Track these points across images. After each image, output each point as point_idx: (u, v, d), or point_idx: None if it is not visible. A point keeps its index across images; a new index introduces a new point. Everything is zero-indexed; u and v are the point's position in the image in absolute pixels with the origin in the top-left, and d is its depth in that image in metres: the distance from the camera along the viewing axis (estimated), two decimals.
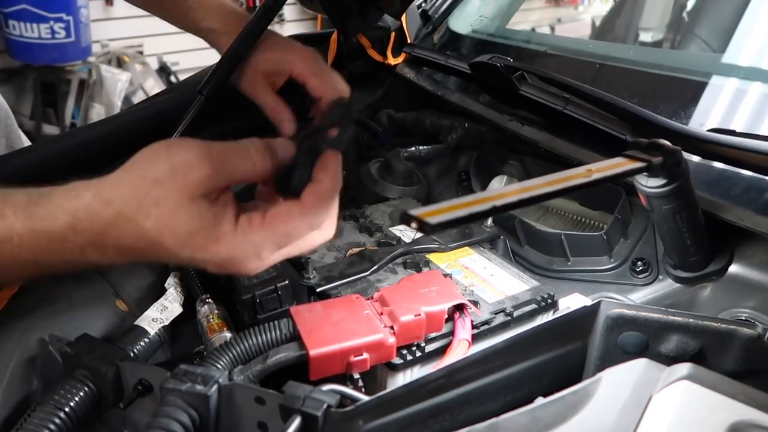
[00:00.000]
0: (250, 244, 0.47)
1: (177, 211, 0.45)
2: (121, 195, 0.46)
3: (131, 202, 0.45)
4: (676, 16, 2.46)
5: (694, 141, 0.71)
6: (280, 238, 0.49)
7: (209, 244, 0.46)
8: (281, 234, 0.48)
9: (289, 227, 0.49)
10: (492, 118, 0.98)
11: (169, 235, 0.45)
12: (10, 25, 2.97)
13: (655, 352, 0.55)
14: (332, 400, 0.45)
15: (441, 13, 1.27)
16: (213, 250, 0.46)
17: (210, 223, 0.46)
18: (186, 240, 0.46)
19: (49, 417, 0.53)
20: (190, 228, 0.45)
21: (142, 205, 0.45)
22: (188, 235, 0.46)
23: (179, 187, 0.45)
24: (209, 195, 0.47)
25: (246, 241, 0.47)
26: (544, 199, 0.49)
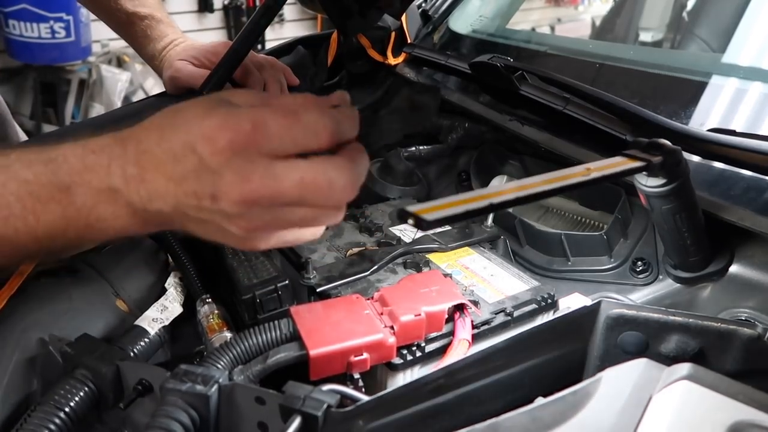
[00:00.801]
0: (237, 115, 0.45)
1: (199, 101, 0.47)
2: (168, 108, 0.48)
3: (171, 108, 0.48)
4: (676, 16, 2.46)
5: (694, 141, 0.71)
6: (277, 116, 0.45)
7: (205, 112, 0.45)
8: (280, 109, 0.45)
9: (291, 105, 0.47)
10: (492, 118, 0.98)
11: (181, 112, 0.46)
12: (10, 24, 2.97)
13: (655, 352, 0.55)
14: (332, 400, 0.45)
15: (441, 13, 1.27)
16: (204, 117, 0.45)
17: (223, 103, 0.46)
18: (190, 115, 0.46)
19: (49, 417, 0.53)
20: (196, 107, 0.46)
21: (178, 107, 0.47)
22: (192, 112, 0.46)
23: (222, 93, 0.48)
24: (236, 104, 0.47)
25: (235, 113, 0.45)
26: (542, 197, 0.49)
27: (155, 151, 0.46)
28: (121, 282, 0.76)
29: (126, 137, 0.48)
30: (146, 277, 0.79)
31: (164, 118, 0.48)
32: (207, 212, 0.46)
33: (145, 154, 0.46)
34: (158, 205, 0.47)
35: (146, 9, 0.99)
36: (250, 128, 0.44)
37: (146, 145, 0.46)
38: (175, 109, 0.48)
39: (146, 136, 0.47)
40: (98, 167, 0.47)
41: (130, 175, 0.47)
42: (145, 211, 0.48)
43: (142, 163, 0.46)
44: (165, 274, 0.78)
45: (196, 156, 0.44)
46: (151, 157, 0.46)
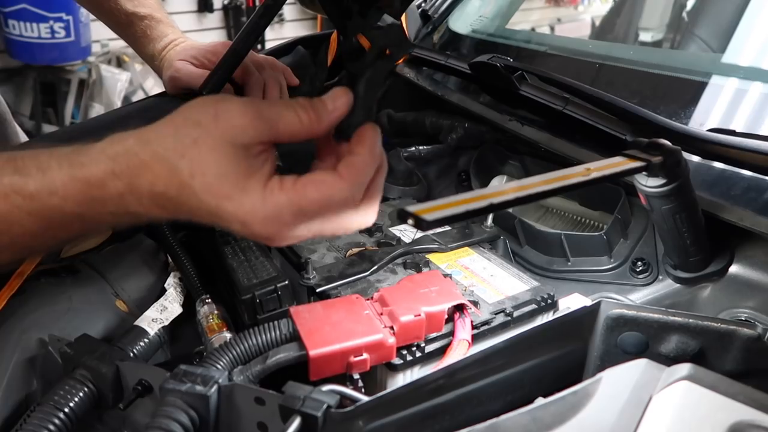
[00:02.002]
0: (275, 204, 0.45)
1: (211, 152, 0.44)
2: (161, 135, 0.46)
3: (169, 142, 0.45)
4: (676, 16, 2.46)
5: (694, 141, 0.71)
6: (308, 204, 0.46)
7: (235, 193, 0.44)
8: (309, 200, 0.46)
9: (319, 195, 0.46)
10: (492, 118, 0.98)
11: (199, 176, 0.44)
12: (10, 24, 2.97)
13: (655, 353, 0.55)
14: (332, 401, 0.45)
15: (441, 13, 1.27)
16: (238, 202, 0.44)
17: (242, 171, 0.45)
18: (214, 183, 0.44)
19: (48, 417, 0.53)
20: (219, 171, 0.44)
21: (179, 144, 0.45)
22: (216, 178, 0.44)
23: (221, 131, 0.45)
24: (250, 147, 0.46)
25: (272, 200, 0.45)
26: (542, 197, 0.49)
27: (175, 199, 0.46)
28: (120, 282, 0.76)
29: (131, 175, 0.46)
30: (146, 277, 0.79)
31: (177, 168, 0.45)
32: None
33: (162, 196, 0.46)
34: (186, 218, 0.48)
35: (146, 9, 0.99)
36: (291, 220, 0.46)
37: (161, 189, 0.46)
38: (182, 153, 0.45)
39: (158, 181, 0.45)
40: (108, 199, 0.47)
41: (148, 205, 0.47)
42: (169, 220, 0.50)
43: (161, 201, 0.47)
44: (165, 274, 0.78)
45: (232, 228, 0.46)
46: (170, 200, 0.46)
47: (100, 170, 0.46)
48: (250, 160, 0.46)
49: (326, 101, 0.49)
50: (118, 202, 0.47)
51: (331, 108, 0.49)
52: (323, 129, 0.49)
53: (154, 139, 0.46)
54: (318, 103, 0.48)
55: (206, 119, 0.46)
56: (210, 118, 0.45)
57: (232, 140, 0.45)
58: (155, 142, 0.46)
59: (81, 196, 0.47)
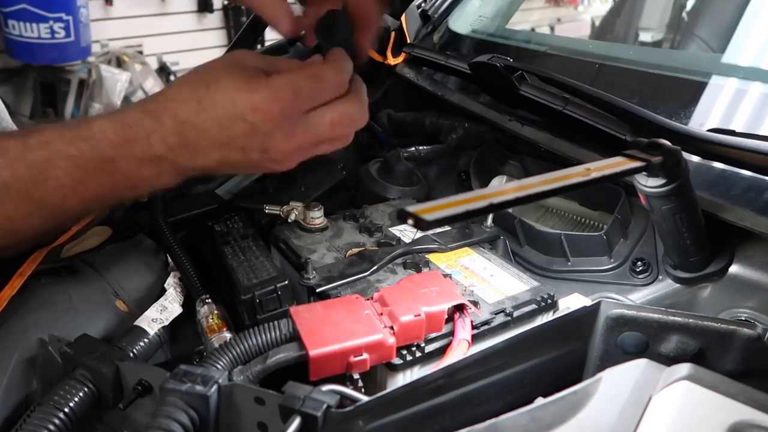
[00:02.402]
0: (276, 84, 0.53)
1: (223, 68, 0.54)
2: (185, 75, 0.56)
3: (190, 76, 0.56)
4: (676, 16, 2.46)
5: (694, 141, 0.71)
6: (303, 82, 0.54)
7: (245, 85, 0.53)
8: (304, 77, 0.54)
9: (311, 71, 0.55)
10: (492, 118, 0.98)
11: (213, 83, 0.53)
12: (10, 24, 2.97)
13: (655, 353, 0.55)
14: (332, 401, 0.45)
15: (441, 13, 1.27)
16: (248, 89, 0.53)
17: (249, 74, 0.54)
18: (227, 84, 0.53)
19: (48, 417, 0.53)
20: (230, 76, 0.53)
21: (197, 73, 0.55)
22: (228, 80, 0.53)
23: (231, 59, 0.56)
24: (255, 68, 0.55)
25: (273, 82, 0.53)
26: (542, 197, 0.49)
27: (196, 121, 0.53)
28: (120, 282, 0.76)
29: (158, 110, 0.53)
30: (146, 277, 0.79)
31: (196, 89, 0.54)
32: (254, 161, 0.56)
33: (185, 124, 0.53)
34: (203, 163, 0.55)
35: None
36: (292, 96, 0.53)
37: (184, 116, 0.53)
38: (205, 79, 0.54)
39: (181, 108, 0.53)
40: (137, 140, 0.53)
41: (173, 143, 0.54)
42: (189, 169, 0.56)
43: (184, 132, 0.53)
44: (165, 274, 0.78)
45: (246, 123, 0.53)
46: (193, 127, 0.53)
47: (134, 111, 0.54)
48: (255, 72, 0.55)
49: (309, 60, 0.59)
50: (145, 142, 0.53)
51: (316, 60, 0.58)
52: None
53: (178, 80, 0.56)
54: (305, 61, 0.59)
55: (219, 58, 0.57)
56: (224, 56, 0.57)
57: (240, 62, 0.55)
58: (180, 81, 0.56)
59: (114, 136, 0.53)
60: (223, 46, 3.75)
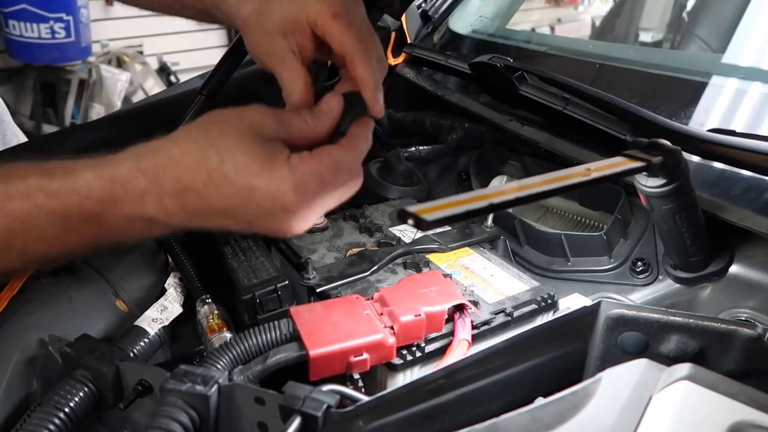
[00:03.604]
0: (302, 173, 0.49)
1: (238, 140, 0.49)
2: (188, 134, 0.50)
3: (197, 137, 0.49)
4: (676, 16, 2.46)
5: (694, 141, 0.71)
6: (326, 170, 0.51)
7: (264, 170, 0.48)
8: (327, 166, 0.51)
9: (332, 160, 0.51)
10: (492, 118, 0.98)
11: (229, 160, 0.48)
12: (10, 25, 2.97)
13: (655, 353, 0.55)
14: (332, 401, 0.45)
15: (441, 14, 1.27)
16: (267, 176, 0.48)
17: (267, 153, 0.49)
18: (245, 163, 0.48)
19: (48, 417, 0.53)
20: (247, 154, 0.48)
21: (207, 138, 0.49)
22: (246, 159, 0.48)
23: (244, 124, 0.50)
24: (271, 139, 0.50)
25: (298, 170, 0.49)
26: (542, 197, 0.49)
27: (202, 192, 0.49)
28: (120, 282, 0.76)
29: (156, 171, 0.49)
30: (146, 277, 0.79)
31: (206, 158, 0.48)
32: (255, 230, 0.52)
33: (188, 192, 0.49)
34: (198, 224, 0.51)
35: None
36: (316, 187, 0.50)
37: (189, 184, 0.48)
38: (218, 148, 0.48)
39: (187, 175, 0.48)
40: (129, 199, 0.49)
41: (169, 207, 0.49)
42: (182, 228, 0.52)
43: (185, 199, 0.49)
44: (165, 274, 0.78)
45: (262, 209, 0.49)
46: (197, 197, 0.49)
47: (125, 167, 0.49)
48: (272, 144, 0.50)
49: (322, 105, 0.55)
50: (137, 202, 0.49)
51: (326, 110, 0.55)
52: (326, 127, 0.55)
53: (181, 138, 0.50)
54: (316, 108, 0.55)
55: (230, 117, 0.50)
56: (233, 116, 0.50)
57: (255, 131, 0.49)
58: (183, 139, 0.50)
59: (103, 193, 0.48)
60: (224, 46, 3.74)
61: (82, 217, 0.49)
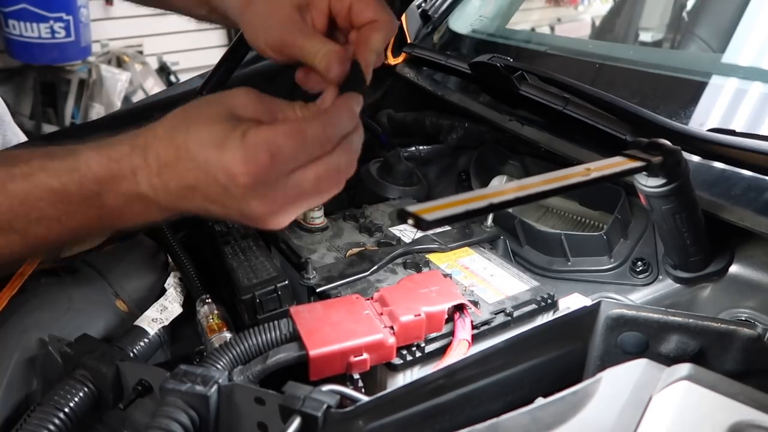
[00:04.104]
0: (252, 144, 0.46)
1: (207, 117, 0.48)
2: (176, 111, 0.51)
3: (179, 114, 0.50)
4: (676, 16, 2.46)
5: (694, 141, 0.71)
6: (282, 141, 0.46)
7: (218, 143, 0.47)
8: (283, 136, 0.46)
9: (292, 130, 0.47)
10: (492, 118, 0.98)
11: (192, 132, 0.48)
12: (10, 24, 2.97)
13: (655, 353, 0.55)
14: (332, 401, 0.45)
15: (441, 13, 1.27)
16: (220, 149, 0.46)
17: (228, 126, 0.47)
18: (202, 136, 0.47)
19: (48, 417, 0.53)
20: (209, 127, 0.47)
21: (185, 115, 0.50)
22: (205, 131, 0.47)
23: (222, 104, 0.49)
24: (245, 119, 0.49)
25: (249, 141, 0.46)
26: (542, 197, 0.49)
27: (176, 169, 0.48)
28: (121, 282, 0.76)
29: (145, 146, 0.49)
30: (146, 277, 0.79)
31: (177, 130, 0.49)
32: (235, 218, 0.51)
33: (166, 168, 0.49)
34: (186, 206, 0.51)
35: None
36: (268, 159, 0.46)
37: (166, 160, 0.49)
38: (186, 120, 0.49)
39: (164, 151, 0.49)
40: (124, 176, 0.49)
41: (157, 185, 0.49)
42: (173, 209, 0.51)
43: (165, 176, 0.49)
44: (165, 274, 0.78)
45: (219, 185, 0.47)
46: (173, 174, 0.49)
47: (123, 143, 0.50)
48: (236, 123, 0.48)
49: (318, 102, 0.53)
50: (131, 180, 0.49)
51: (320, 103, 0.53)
52: None
53: (170, 116, 0.51)
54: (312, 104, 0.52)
55: (214, 98, 0.51)
56: (217, 96, 0.50)
57: (230, 110, 0.49)
58: (170, 117, 0.51)
59: (101, 170, 0.49)
60: (224, 46, 3.74)
61: (81, 196, 0.49)
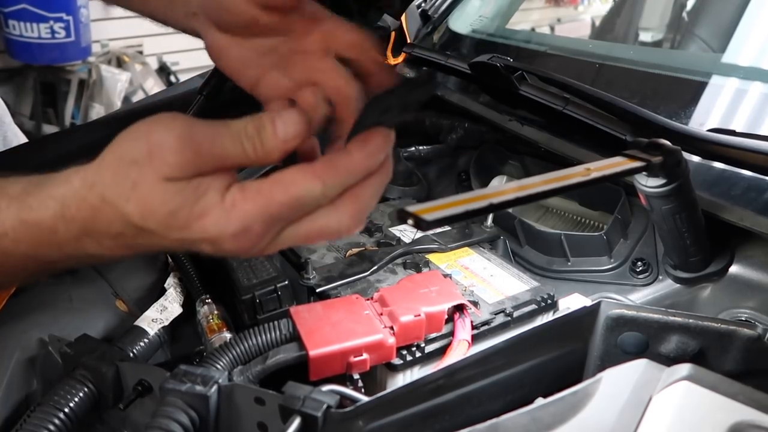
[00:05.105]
0: (242, 217, 0.41)
1: (153, 193, 0.41)
2: (104, 178, 0.42)
3: (112, 186, 0.42)
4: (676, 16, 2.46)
5: (694, 141, 0.71)
6: (277, 209, 0.41)
7: (193, 221, 0.41)
8: (279, 204, 0.41)
9: (287, 197, 0.41)
10: (492, 118, 0.98)
11: (150, 217, 0.41)
12: (10, 24, 2.97)
13: (655, 353, 0.55)
14: (332, 401, 0.45)
15: (441, 13, 1.27)
16: (200, 227, 0.41)
17: (191, 198, 0.41)
18: (168, 220, 0.41)
19: (48, 417, 0.53)
20: (168, 207, 0.41)
21: (121, 188, 0.42)
22: (169, 215, 0.41)
23: (155, 169, 0.41)
24: (191, 179, 0.42)
25: (236, 214, 0.41)
26: (542, 197, 0.49)
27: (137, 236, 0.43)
28: (120, 282, 0.76)
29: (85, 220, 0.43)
30: (146, 277, 0.79)
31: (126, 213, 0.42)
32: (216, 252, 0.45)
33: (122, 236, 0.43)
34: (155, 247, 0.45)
35: None
36: (262, 230, 0.42)
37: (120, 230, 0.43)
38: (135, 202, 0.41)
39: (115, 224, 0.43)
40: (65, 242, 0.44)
41: (110, 245, 0.44)
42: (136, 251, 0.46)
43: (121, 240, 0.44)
44: (165, 274, 0.78)
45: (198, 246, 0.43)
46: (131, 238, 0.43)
47: (49, 215, 0.43)
48: (195, 183, 0.42)
49: (277, 129, 0.43)
50: (75, 245, 0.45)
51: (282, 137, 0.43)
52: (275, 160, 0.44)
53: (99, 182, 0.43)
54: (267, 132, 0.43)
55: (141, 157, 0.42)
56: (144, 155, 0.41)
57: (171, 177, 0.41)
58: (100, 185, 0.42)
59: (33, 239, 0.44)
60: None
61: (16, 259, 0.45)
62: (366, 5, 1.01)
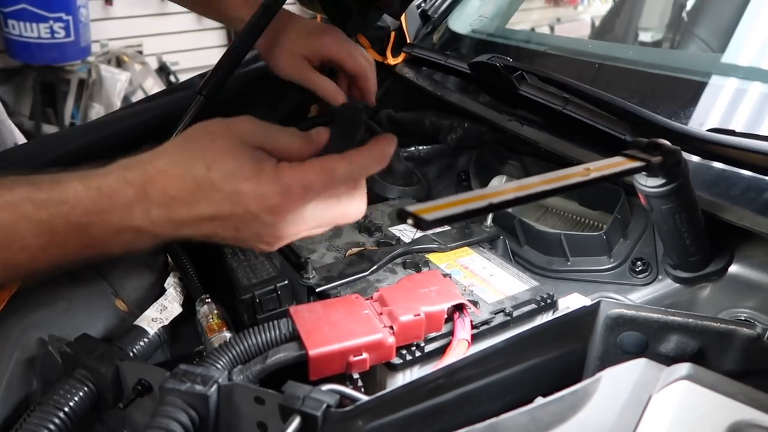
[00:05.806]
0: (288, 178, 0.49)
1: (227, 150, 0.49)
2: (175, 144, 0.51)
3: (186, 147, 0.50)
4: (676, 16, 2.46)
5: (694, 141, 0.71)
6: (314, 179, 0.50)
7: (252, 175, 0.49)
8: (316, 173, 0.50)
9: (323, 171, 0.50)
10: (491, 118, 0.98)
11: (216, 166, 0.48)
12: (10, 24, 2.97)
13: (655, 352, 0.55)
14: (332, 400, 0.45)
15: (440, 13, 1.27)
16: (255, 181, 0.49)
17: (256, 158, 0.49)
18: (233, 170, 0.48)
19: (48, 417, 0.53)
20: (236, 161, 0.49)
21: (194, 148, 0.50)
22: (235, 166, 0.48)
23: (231, 135, 0.50)
24: (257, 149, 0.51)
25: (284, 175, 0.49)
26: (542, 197, 0.49)
27: (189, 200, 0.49)
28: (120, 282, 0.76)
29: (144, 182, 0.49)
30: (146, 277, 0.79)
31: (193, 167, 0.49)
32: (242, 239, 0.53)
33: (174, 200, 0.49)
34: (187, 233, 0.51)
35: None
36: (302, 192, 0.50)
37: (175, 193, 0.49)
38: (204, 156, 0.49)
39: (173, 185, 0.49)
40: (116, 209, 0.49)
41: (156, 216, 0.49)
42: (169, 238, 0.52)
43: (172, 207, 0.49)
44: (165, 274, 0.78)
45: (248, 213, 0.49)
46: (184, 205, 0.49)
47: (113, 178, 0.49)
48: (259, 154, 0.50)
49: (312, 132, 0.55)
50: (124, 213, 0.49)
51: (315, 136, 0.55)
52: (309, 150, 0.54)
53: (170, 149, 0.50)
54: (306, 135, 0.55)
55: (218, 128, 0.51)
56: (221, 126, 0.51)
57: (243, 140, 0.50)
58: (170, 151, 0.50)
59: (91, 203, 0.49)
60: (223, 46, 3.74)
61: (68, 227, 0.49)
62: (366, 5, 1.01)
